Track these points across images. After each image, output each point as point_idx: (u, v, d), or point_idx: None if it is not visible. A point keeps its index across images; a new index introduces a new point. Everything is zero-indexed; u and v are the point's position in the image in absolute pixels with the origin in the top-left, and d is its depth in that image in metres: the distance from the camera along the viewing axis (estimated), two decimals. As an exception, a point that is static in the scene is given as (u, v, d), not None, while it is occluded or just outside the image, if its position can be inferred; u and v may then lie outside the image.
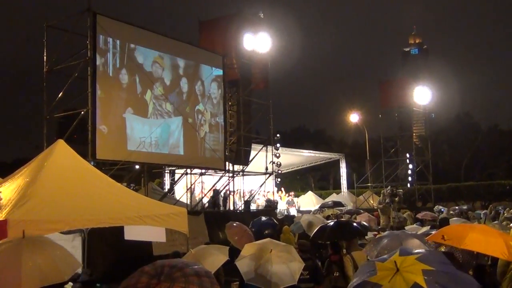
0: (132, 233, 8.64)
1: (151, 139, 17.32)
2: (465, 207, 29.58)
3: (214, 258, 7.72)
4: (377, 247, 7.46)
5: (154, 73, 17.92)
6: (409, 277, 3.68)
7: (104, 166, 17.27)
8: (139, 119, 17.21)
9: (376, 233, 13.12)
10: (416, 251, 4.16)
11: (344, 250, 9.82)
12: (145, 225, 7.17)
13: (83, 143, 15.64)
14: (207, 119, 20.01)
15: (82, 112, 15.96)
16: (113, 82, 16.66)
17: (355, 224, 13.25)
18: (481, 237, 5.49)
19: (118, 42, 16.72)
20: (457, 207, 27.45)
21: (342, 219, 17.17)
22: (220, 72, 21.24)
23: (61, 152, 7.34)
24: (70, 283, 8.42)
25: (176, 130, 18.57)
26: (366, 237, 11.65)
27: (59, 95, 16.71)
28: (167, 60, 18.67)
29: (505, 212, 23.45)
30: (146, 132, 17.21)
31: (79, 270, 9.55)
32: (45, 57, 16.65)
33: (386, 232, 9.79)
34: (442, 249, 6.40)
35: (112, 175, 14.99)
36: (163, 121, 17.98)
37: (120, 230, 8.58)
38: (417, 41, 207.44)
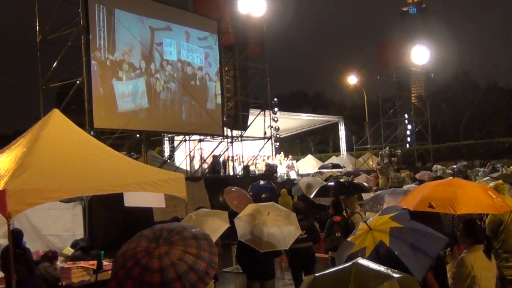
0: (132, 200, 8.73)
1: (128, 91, 17.44)
2: (465, 163, 29.58)
3: (215, 224, 7.78)
4: (370, 199, 8.26)
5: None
6: (378, 236, 3.88)
7: (102, 135, 17.30)
8: (120, 83, 17.24)
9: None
10: (395, 211, 4.38)
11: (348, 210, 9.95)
12: (144, 191, 7.21)
13: (81, 113, 15.62)
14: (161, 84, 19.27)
15: (78, 82, 15.88)
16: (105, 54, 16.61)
17: (355, 182, 13.49)
18: (468, 194, 5.26)
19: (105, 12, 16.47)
20: (454, 166, 27.47)
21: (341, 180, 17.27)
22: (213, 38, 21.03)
23: (56, 121, 7.31)
24: (69, 248, 8.51)
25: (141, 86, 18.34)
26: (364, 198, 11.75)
27: (54, 65, 16.59)
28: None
29: (503, 169, 23.52)
30: (124, 88, 17.37)
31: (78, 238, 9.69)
32: (37, 27, 16.46)
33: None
34: None
35: (111, 144, 15.02)
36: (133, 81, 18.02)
37: (120, 197, 8.66)
38: (415, 0, 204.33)
